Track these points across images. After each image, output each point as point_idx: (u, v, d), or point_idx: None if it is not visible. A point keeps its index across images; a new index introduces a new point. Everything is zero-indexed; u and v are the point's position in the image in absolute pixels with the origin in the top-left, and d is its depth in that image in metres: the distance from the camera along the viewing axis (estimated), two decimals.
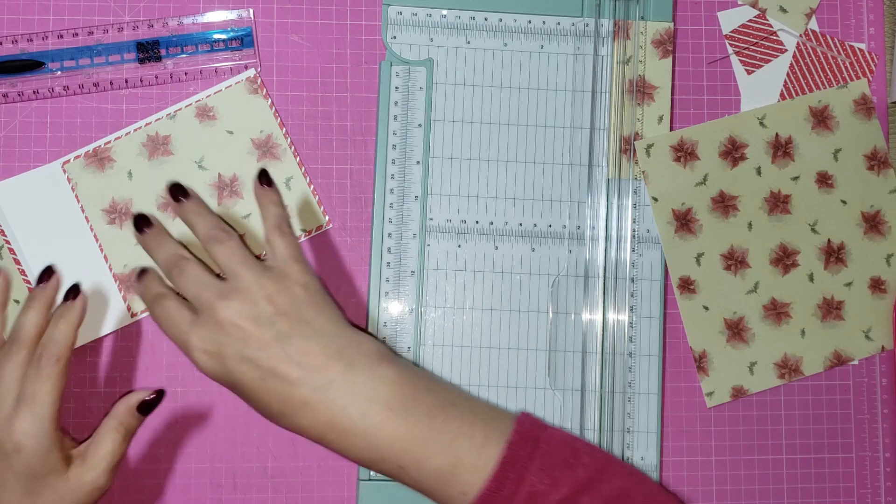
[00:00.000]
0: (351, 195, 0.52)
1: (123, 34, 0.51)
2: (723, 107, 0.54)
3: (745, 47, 0.54)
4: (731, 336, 0.52)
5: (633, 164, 0.52)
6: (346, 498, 0.50)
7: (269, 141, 0.51)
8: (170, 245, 0.42)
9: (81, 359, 0.50)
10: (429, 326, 0.50)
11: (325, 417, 0.39)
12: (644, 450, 0.51)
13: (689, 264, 0.52)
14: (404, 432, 0.39)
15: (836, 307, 0.53)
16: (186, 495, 0.50)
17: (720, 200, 0.53)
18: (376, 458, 0.39)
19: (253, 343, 0.39)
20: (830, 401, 0.53)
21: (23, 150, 0.50)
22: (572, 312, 0.51)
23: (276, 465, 0.50)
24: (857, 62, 0.54)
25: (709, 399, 0.52)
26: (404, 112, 0.51)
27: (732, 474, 0.52)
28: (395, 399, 0.39)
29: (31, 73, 0.50)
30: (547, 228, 0.51)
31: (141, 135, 0.51)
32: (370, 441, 0.39)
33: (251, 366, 0.39)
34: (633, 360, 0.51)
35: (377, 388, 0.39)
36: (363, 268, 0.51)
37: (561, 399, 0.51)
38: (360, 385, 0.39)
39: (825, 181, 0.53)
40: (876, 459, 0.53)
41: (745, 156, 0.53)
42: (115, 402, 0.42)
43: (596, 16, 0.52)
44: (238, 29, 0.51)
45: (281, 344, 0.39)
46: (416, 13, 0.51)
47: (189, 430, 0.50)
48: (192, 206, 0.43)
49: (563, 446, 0.41)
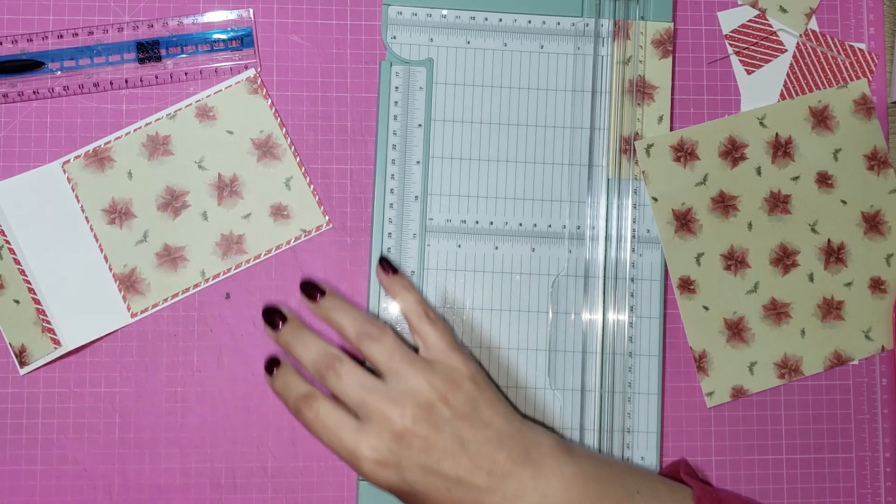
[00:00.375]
0: (351, 195, 0.52)
1: (123, 34, 0.51)
2: (723, 107, 0.54)
3: (745, 47, 0.54)
4: (731, 336, 0.52)
5: (633, 164, 0.52)
6: (346, 498, 0.50)
7: (269, 141, 0.51)
8: (316, 343, 0.40)
9: (81, 359, 0.50)
10: None
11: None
12: (644, 450, 0.51)
13: (689, 264, 0.52)
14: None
15: (836, 307, 0.53)
16: (186, 495, 0.50)
17: (720, 200, 0.53)
18: None
19: (435, 452, 0.37)
20: (830, 401, 0.53)
21: (23, 150, 0.50)
22: (572, 312, 0.51)
23: (276, 465, 0.50)
24: (857, 62, 0.54)
25: (709, 399, 0.52)
26: (404, 112, 0.51)
27: (732, 474, 0.52)
28: (585, 498, 0.39)
29: (31, 73, 0.50)
30: (547, 228, 0.52)
31: (141, 135, 0.51)
32: None
33: (435, 476, 0.37)
34: (633, 360, 0.51)
35: (568, 489, 0.38)
36: (363, 268, 0.51)
37: (561, 399, 0.51)
38: (553, 489, 0.38)
39: (825, 181, 0.53)
40: (876, 459, 0.53)
41: (745, 156, 0.53)
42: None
43: (596, 16, 0.52)
44: (238, 29, 0.51)
45: (466, 451, 0.37)
46: (416, 13, 0.51)
47: (189, 429, 0.50)
48: (333, 304, 0.40)
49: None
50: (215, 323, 0.51)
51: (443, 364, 0.40)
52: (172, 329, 0.50)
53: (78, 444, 0.50)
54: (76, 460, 0.50)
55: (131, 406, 0.50)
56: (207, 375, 0.50)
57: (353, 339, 0.40)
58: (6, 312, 0.49)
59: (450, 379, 0.39)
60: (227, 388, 0.50)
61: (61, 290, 0.49)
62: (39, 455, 0.49)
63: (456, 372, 0.39)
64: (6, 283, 0.49)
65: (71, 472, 0.50)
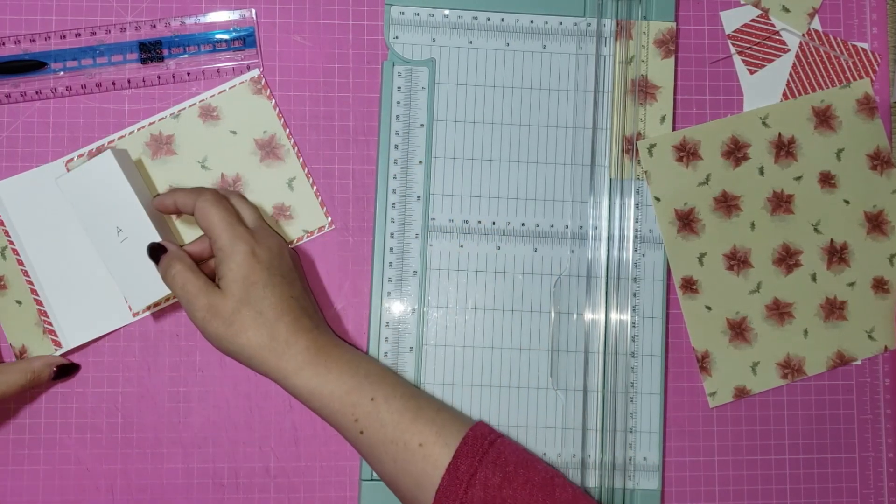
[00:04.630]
0: (353, 195, 0.52)
1: (126, 34, 0.51)
2: (725, 106, 0.54)
3: (747, 47, 0.54)
4: (734, 336, 0.52)
5: (635, 164, 0.52)
6: (349, 498, 0.50)
7: (273, 141, 0.51)
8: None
9: (83, 358, 0.50)
10: (431, 326, 0.50)
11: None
12: (646, 450, 0.51)
13: (691, 264, 0.52)
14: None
15: (839, 307, 0.53)
16: (189, 495, 0.50)
17: (723, 200, 0.53)
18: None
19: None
20: (833, 401, 0.53)
21: (25, 150, 0.50)
22: (575, 312, 0.51)
23: (278, 464, 0.50)
24: (859, 62, 0.54)
25: (711, 399, 0.52)
26: (406, 112, 0.51)
27: (735, 475, 0.52)
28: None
29: (33, 74, 0.50)
30: (549, 228, 0.51)
31: (144, 134, 0.51)
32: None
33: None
34: (636, 360, 0.51)
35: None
36: (365, 268, 0.51)
37: (563, 399, 0.50)
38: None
39: (828, 181, 0.53)
40: (879, 459, 0.53)
41: (748, 155, 0.53)
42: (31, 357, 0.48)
43: (598, 15, 0.52)
44: (240, 29, 0.51)
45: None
46: (418, 13, 0.51)
47: (191, 429, 0.50)
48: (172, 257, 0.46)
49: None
50: None
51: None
52: (174, 329, 0.50)
53: (80, 443, 0.50)
54: (79, 460, 0.50)
55: (134, 406, 0.50)
56: (210, 375, 0.50)
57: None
58: (8, 313, 0.49)
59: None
60: (230, 387, 0.50)
61: (63, 290, 0.49)
62: (42, 455, 0.49)
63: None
64: (9, 283, 0.49)
65: (73, 471, 0.50)
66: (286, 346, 0.43)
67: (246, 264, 0.43)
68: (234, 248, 0.43)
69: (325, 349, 0.44)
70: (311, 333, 0.44)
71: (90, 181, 0.46)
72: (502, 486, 0.41)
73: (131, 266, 0.46)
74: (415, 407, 0.44)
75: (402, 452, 0.42)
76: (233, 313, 0.43)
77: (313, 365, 0.43)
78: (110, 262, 0.46)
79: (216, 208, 0.45)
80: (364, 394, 0.43)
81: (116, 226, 0.46)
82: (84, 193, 0.46)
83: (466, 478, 0.41)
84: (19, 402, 0.50)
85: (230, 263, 0.43)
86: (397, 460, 0.42)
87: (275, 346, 0.43)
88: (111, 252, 0.46)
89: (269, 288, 0.43)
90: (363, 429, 0.43)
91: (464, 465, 0.41)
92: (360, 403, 0.43)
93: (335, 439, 0.50)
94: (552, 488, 0.41)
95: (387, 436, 0.43)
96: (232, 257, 0.43)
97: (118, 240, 0.46)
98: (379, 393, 0.43)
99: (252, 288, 0.43)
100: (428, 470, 0.42)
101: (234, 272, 0.43)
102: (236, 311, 0.43)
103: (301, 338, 0.43)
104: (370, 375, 0.44)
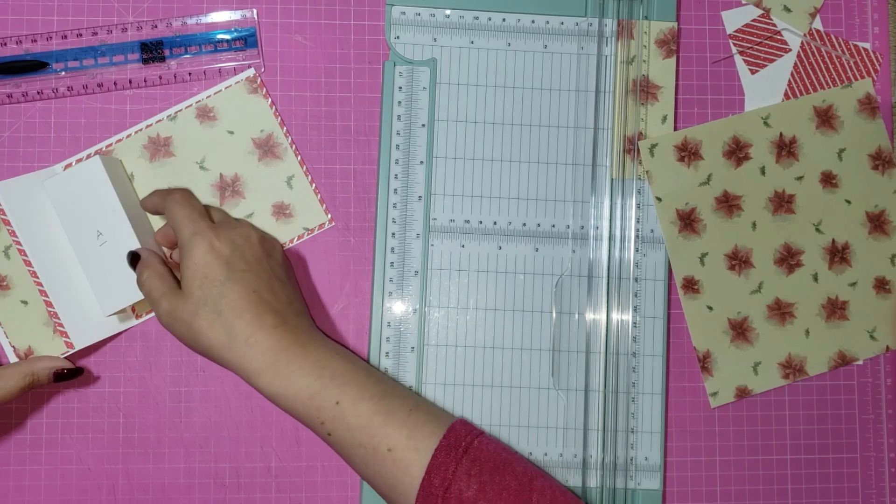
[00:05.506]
0: (354, 195, 0.52)
1: (127, 35, 0.51)
2: (727, 106, 0.54)
3: (749, 47, 0.54)
4: (736, 336, 0.52)
5: (636, 164, 0.52)
6: (350, 498, 0.50)
7: (270, 140, 0.51)
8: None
9: (86, 359, 0.50)
10: (432, 326, 0.50)
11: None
12: (648, 450, 0.51)
13: (692, 264, 0.52)
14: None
15: (841, 307, 0.53)
16: (190, 494, 0.50)
17: (724, 200, 0.53)
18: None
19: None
20: (835, 401, 0.53)
21: (27, 150, 0.50)
22: (576, 312, 0.51)
23: (279, 464, 0.50)
24: (861, 62, 0.54)
25: (713, 399, 0.52)
26: (408, 112, 0.51)
27: (737, 475, 0.52)
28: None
29: (35, 74, 0.50)
30: (551, 228, 0.51)
31: (142, 136, 0.51)
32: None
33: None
34: (637, 360, 0.51)
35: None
36: (367, 268, 0.51)
37: (565, 399, 0.50)
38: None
39: (829, 181, 0.53)
40: (881, 460, 0.53)
41: (749, 155, 0.53)
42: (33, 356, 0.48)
43: (599, 15, 0.52)
44: (242, 29, 0.51)
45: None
46: (419, 13, 0.51)
47: (193, 429, 0.50)
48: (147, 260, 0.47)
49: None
50: None
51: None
52: None
53: (82, 443, 0.50)
54: (80, 460, 0.50)
55: (135, 406, 0.50)
56: (211, 375, 0.50)
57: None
58: (13, 313, 0.49)
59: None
60: (231, 387, 0.50)
61: (68, 291, 0.49)
62: (44, 455, 0.50)
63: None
64: (13, 283, 0.49)
65: (75, 471, 0.50)
66: (246, 347, 0.42)
67: (202, 262, 0.43)
68: (192, 244, 0.43)
69: (289, 349, 0.42)
70: (275, 332, 0.42)
71: (76, 185, 0.47)
72: (477, 499, 0.39)
73: (106, 270, 0.47)
74: (385, 409, 0.42)
75: (371, 456, 0.41)
76: (192, 316, 0.42)
77: (275, 367, 0.42)
78: (86, 264, 0.47)
79: (180, 206, 0.45)
80: (329, 397, 0.42)
81: (97, 229, 0.47)
82: (69, 196, 0.47)
83: (441, 492, 0.39)
84: (20, 403, 0.50)
85: (188, 262, 0.43)
86: (368, 464, 0.41)
87: (236, 346, 0.42)
88: (88, 255, 0.47)
89: (227, 284, 0.42)
90: (330, 431, 0.42)
91: (437, 480, 0.40)
92: (324, 407, 0.42)
93: None
94: (529, 493, 0.40)
95: (355, 439, 0.41)
96: (190, 255, 0.43)
97: (97, 243, 0.47)
98: (345, 395, 0.42)
99: (210, 286, 0.42)
100: (398, 475, 0.41)
101: (191, 270, 0.43)
102: (194, 314, 0.42)
103: (263, 337, 0.42)
104: (336, 377, 0.42)
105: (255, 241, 0.45)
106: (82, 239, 0.47)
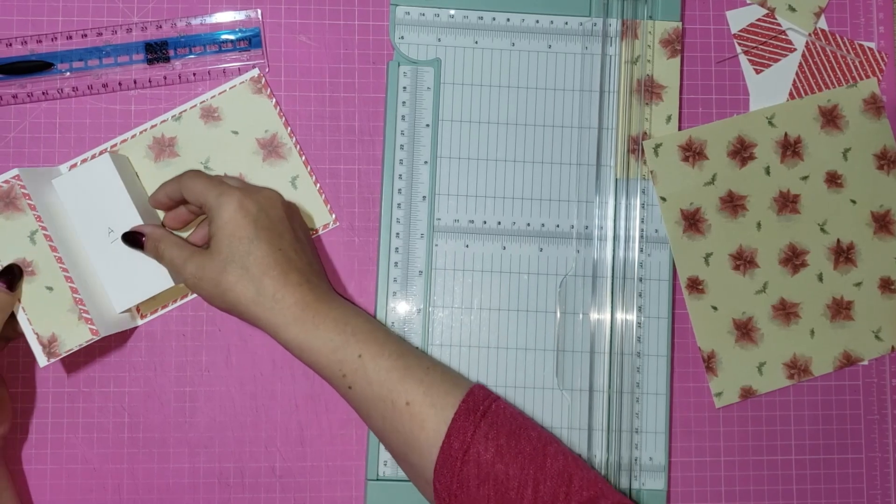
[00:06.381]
0: (359, 195, 0.52)
1: (132, 35, 0.51)
2: (731, 106, 0.53)
3: (753, 46, 0.54)
4: (740, 336, 0.52)
5: (641, 164, 0.52)
6: (354, 498, 0.50)
7: (275, 140, 0.51)
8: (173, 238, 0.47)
9: (90, 358, 0.50)
10: (437, 326, 0.50)
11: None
12: (652, 450, 0.50)
13: (697, 264, 0.52)
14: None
15: (846, 307, 0.53)
16: (195, 494, 0.50)
17: (729, 200, 0.53)
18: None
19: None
20: (840, 401, 0.53)
21: (32, 150, 0.50)
22: (580, 312, 0.51)
23: (284, 465, 0.50)
24: (866, 61, 0.54)
25: (717, 399, 0.52)
26: (412, 112, 0.51)
27: (741, 475, 0.52)
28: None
29: (40, 74, 0.50)
30: (555, 228, 0.51)
31: (147, 137, 0.51)
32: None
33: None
34: (642, 360, 0.51)
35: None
36: (371, 267, 0.51)
37: (569, 399, 0.50)
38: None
39: (834, 181, 0.53)
40: (886, 460, 0.53)
41: (754, 155, 0.53)
42: None
43: (604, 15, 0.52)
44: (246, 29, 0.51)
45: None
46: (423, 13, 0.51)
47: (197, 429, 0.50)
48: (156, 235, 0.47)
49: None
50: (223, 322, 0.51)
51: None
52: (181, 329, 0.51)
53: (87, 443, 0.50)
54: (85, 460, 0.50)
55: (140, 406, 0.50)
56: (216, 375, 0.50)
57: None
58: (37, 299, 0.47)
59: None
60: (236, 387, 0.51)
61: (93, 278, 0.48)
62: (49, 454, 0.50)
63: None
64: (38, 269, 0.47)
65: (80, 471, 0.50)
66: (273, 301, 0.43)
67: (232, 220, 0.43)
68: (221, 203, 0.44)
69: (313, 305, 0.44)
70: (299, 289, 0.44)
71: (87, 182, 0.47)
72: (494, 462, 0.41)
73: (118, 266, 0.47)
74: (403, 366, 0.43)
75: (389, 410, 0.43)
76: (219, 273, 0.43)
77: (301, 321, 0.43)
78: (99, 261, 0.47)
79: (199, 176, 0.45)
80: (351, 351, 0.43)
81: (108, 226, 0.47)
82: (80, 194, 0.47)
83: (460, 454, 0.41)
84: (25, 403, 0.50)
85: (218, 221, 0.44)
86: (385, 418, 0.43)
87: (263, 301, 0.43)
88: (100, 251, 0.47)
89: (254, 242, 0.43)
90: (351, 384, 0.43)
91: (457, 443, 0.41)
92: (346, 360, 0.43)
93: (341, 439, 0.50)
94: (543, 458, 0.42)
95: (374, 393, 0.43)
96: (219, 213, 0.43)
97: (108, 240, 0.47)
98: (367, 350, 0.43)
99: (238, 244, 0.43)
100: (415, 430, 0.42)
101: (221, 230, 0.43)
102: (222, 271, 0.43)
103: (289, 293, 0.43)
104: (358, 333, 0.44)
105: (279, 203, 0.46)
106: (93, 236, 0.47)
